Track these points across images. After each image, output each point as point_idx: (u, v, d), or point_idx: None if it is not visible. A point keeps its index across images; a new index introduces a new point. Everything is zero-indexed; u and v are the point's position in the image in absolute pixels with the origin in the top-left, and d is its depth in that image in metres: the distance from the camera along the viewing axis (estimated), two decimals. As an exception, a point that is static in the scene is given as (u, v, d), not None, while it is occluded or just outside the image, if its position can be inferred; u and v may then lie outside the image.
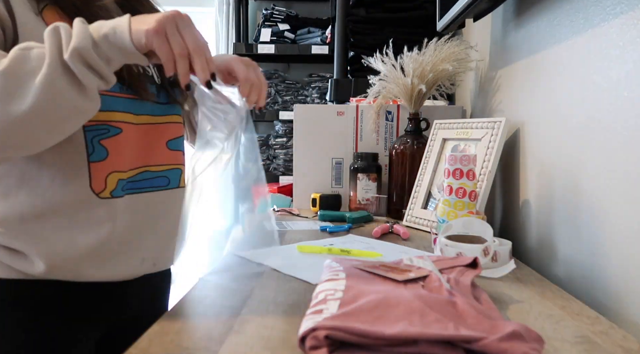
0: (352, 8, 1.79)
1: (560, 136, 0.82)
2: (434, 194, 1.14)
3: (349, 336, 0.41)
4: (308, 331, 0.42)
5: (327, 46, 2.55)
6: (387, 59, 1.27)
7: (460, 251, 0.75)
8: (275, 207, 1.34)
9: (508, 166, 1.07)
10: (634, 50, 0.62)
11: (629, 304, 0.62)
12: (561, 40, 0.82)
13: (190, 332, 0.51)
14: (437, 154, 1.17)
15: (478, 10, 1.05)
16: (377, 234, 1.03)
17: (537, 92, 0.92)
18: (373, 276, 0.58)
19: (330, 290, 0.52)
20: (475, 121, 1.08)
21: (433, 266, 0.60)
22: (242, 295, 0.62)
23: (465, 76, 1.50)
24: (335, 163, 1.41)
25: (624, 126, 0.63)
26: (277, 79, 2.68)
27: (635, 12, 0.62)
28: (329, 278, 0.57)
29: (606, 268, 0.67)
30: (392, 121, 1.38)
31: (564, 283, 0.77)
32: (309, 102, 2.68)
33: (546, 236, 0.86)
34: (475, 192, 0.90)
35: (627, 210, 0.62)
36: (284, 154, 2.65)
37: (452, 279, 0.57)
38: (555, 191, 0.83)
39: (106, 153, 0.69)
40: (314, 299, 0.52)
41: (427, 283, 0.56)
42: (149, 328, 0.52)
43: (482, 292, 0.58)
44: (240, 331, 0.51)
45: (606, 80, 0.68)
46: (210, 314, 0.56)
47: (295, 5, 2.86)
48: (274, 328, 0.52)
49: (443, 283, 0.54)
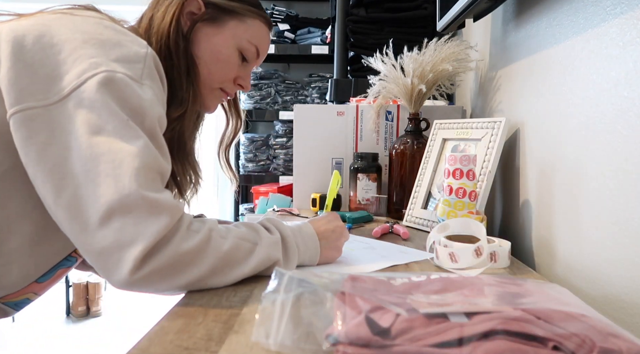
0: (352, 8, 1.79)
1: (560, 136, 0.82)
2: (434, 194, 1.14)
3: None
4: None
5: (327, 46, 2.55)
6: (387, 59, 1.27)
7: (452, 251, 0.75)
8: (275, 207, 1.34)
9: (508, 166, 1.07)
10: (634, 50, 0.62)
11: (629, 304, 0.62)
12: (561, 40, 0.82)
13: (190, 332, 0.51)
14: (437, 154, 1.17)
15: (478, 10, 1.05)
16: (377, 234, 1.03)
17: (537, 92, 0.92)
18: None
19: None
20: (475, 121, 1.08)
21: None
22: (242, 295, 0.62)
23: (465, 76, 1.50)
24: (335, 163, 1.41)
25: (624, 125, 0.63)
26: (277, 79, 2.68)
27: (635, 12, 0.62)
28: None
29: (606, 268, 0.67)
30: (392, 121, 1.38)
31: (564, 283, 0.77)
32: (309, 102, 2.68)
33: (546, 236, 0.86)
34: (475, 192, 0.90)
35: (627, 210, 0.62)
36: (284, 154, 2.65)
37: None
38: (555, 191, 0.83)
39: (48, 278, 0.73)
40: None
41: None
42: (149, 328, 0.52)
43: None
44: (240, 331, 0.51)
45: (606, 80, 0.68)
46: (210, 314, 0.56)
47: (295, 5, 2.86)
48: (274, 328, 0.52)
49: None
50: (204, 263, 0.60)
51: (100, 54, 0.60)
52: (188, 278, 0.59)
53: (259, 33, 0.83)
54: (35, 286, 0.73)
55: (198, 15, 0.77)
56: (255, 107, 2.65)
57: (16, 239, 0.65)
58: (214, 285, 0.62)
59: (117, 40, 0.63)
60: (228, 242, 0.62)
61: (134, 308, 2.72)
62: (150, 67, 0.64)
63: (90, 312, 2.68)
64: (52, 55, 0.59)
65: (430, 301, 0.46)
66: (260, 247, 0.65)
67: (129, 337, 2.37)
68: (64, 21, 0.64)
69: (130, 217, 0.54)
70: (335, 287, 0.50)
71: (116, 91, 0.59)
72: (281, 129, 2.67)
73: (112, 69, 0.59)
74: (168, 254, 0.56)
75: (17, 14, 0.68)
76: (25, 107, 0.57)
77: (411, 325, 0.41)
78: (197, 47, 0.77)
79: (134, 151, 0.57)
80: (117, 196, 0.54)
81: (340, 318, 0.44)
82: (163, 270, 0.56)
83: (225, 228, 0.65)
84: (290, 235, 0.70)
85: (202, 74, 0.78)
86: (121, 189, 0.55)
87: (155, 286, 0.57)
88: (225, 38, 0.79)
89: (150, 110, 0.61)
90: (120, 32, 0.65)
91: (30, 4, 1.22)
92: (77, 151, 0.56)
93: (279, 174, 2.65)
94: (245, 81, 0.85)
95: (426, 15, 1.73)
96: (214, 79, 0.80)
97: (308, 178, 1.41)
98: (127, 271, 0.54)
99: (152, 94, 0.63)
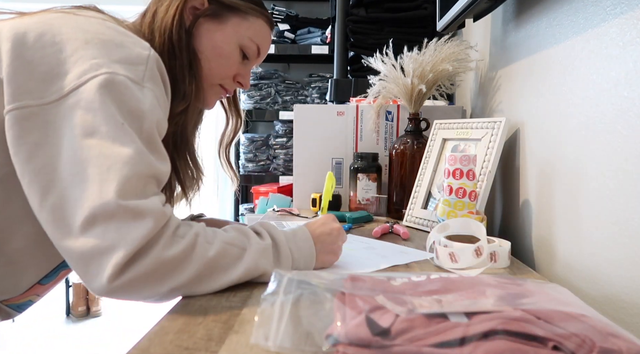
0: (352, 8, 1.79)
1: (560, 136, 0.82)
2: (434, 194, 1.14)
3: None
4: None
5: (327, 46, 2.55)
6: (387, 59, 1.27)
7: (452, 251, 0.75)
8: (275, 207, 1.34)
9: (508, 166, 1.07)
10: (634, 50, 0.62)
11: (629, 304, 0.61)
12: (561, 40, 0.82)
13: (190, 332, 0.51)
14: (437, 154, 1.17)
15: (478, 10, 1.05)
16: (377, 234, 1.03)
17: (537, 92, 0.92)
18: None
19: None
20: (475, 121, 1.08)
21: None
22: (242, 295, 0.62)
23: (465, 76, 1.50)
24: (335, 163, 1.41)
25: (624, 125, 0.63)
26: (277, 79, 2.68)
27: (635, 12, 0.62)
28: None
29: (606, 268, 0.67)
30: (392, 121, 1.38)
31: (564, 283, 0.77)
32: (309, 102, 2.68)
33: (546, 236, 0.86)
34: (475, 192, 0.90)
35: (627, 210, 0.62)
36: (284, 154, 2.65)
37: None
38: (555, 191, 0.83)
39: (51, 280, 0.73)
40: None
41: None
42: (149, 328, 0.52)
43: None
44: (240, 331, 0.51)
45: (606, 80, 0.68)
46: (210, 314, 0.56)
47: (295, 5, 2.86)
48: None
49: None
50: (188, 270, 0.58)
51: (102, 54, 0.60)
52: (171, 285, 0.57)
53: (260, 31, 0.83)
54: (39, 287, 0.73)
55: (201, 11, 0.77)
56: (255, 107, 2.65)
57: (19, 241, 0.65)
58: (200, 292, 0.61)
59: (120, 41, 0.63)
60: (214, 247, 0.60)
61: (134, 308, 2.72)
62: (153, 69, 0.63)
63: (90, 312, 2.68)
64: (52, 54, 0.59)
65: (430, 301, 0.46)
66: (249, 253, 0.63)
67: (129, 337, 2.37)
68: (67, 20, 0.63)
69: (112, 223, 0.53)
70: (335, 287, 0.50)
71: (116, 93, 0.58)
72: (281, 129, 2.67)
73: (114, 70, 0.59)
74: (150, 260, 0.54)
75: (19, 12, 0.67)
76: (21, 105, 0.56)
77: (411, 325, 0.41)
78: (199, 42, 0.77)
79: (125, 156, 0.56)
80: (99, 202, 0.53)
81: (340, 318, 0.44)
82: (145, 277, 0.55)
83: (212, 232, 0.63)
84: (283, 240, 0.68)
85: (203, 69, 0.78)
86: (105, 195, 0.53)
87: (137, 294, 0.56)
88: (227, 34, 0.79)
89: (149, 114, 0.60)
90: (123, 33, 0.65)
91: (32, 3, 1.22)
92: (68, 152, 0.55)
93: (279, 174, 2.65)
94: (244, 79, 0.85)
95: (426, 15, 1.73)
96: (214, 75, 0.80)
97: (308, 178, 1.41)
98: (106, 277, 0.53)
99: (153, 97, 0.62)
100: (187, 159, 0.86)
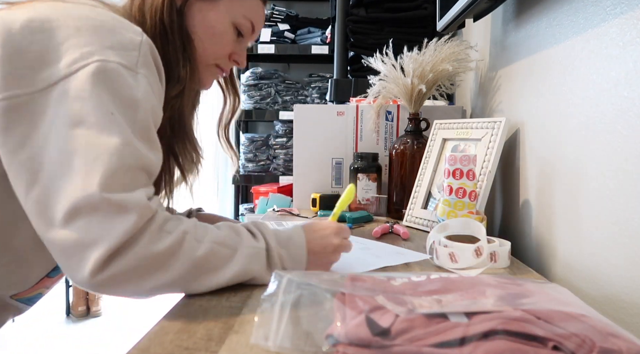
0: (352, 8, 1.79)
1: (560, 136, 0.82)
2: (434, 194, 1.14)
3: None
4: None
5: (327, 46, 2.55)
6: (387, 59, 1.27)
7: (452, 251, 0.75)
8: (275, 207, 1.34)
9: (508, 166, 1.07)
10: (634, 50, 0.62)
11: (629, 304, 0.61)
12: (561, 40, 0.82)
13: (190, 332, 0.51)
14: (437, 154, 1.17)
15: (478, 10, 1.05)
16: (377, 234, 1.03)
17: (537, 92, 0.92)
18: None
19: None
20: (475, 121, 1.08)
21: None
22: (242, 295, 0.62)
23: (465, 76, 1.50)
24: (335, 163, 1.41)
25: (624, 125, 0.63)
26: (277, 79, 2.68)
27: (635, 12, 0.62)
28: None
29: (606, 268, 0.67)
30: (392, 121, 1.38)
31: (564, 283, 0.77)
32: (309, 102, 2.68)
33: (546, 236, 0.86)
34: (475, 192, 0.90)
35: (627, 210, 0.62)
36: (284, 154, 2.65)
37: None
38: (555, 191, 0.83)
39: (59, 272, 0.73)
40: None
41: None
42: (149, 328, 0.52)
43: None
44: (240, 331, 0.51)
45: (606, 80, 0.68)
46: (210, 314, 0.56)
47: (295, 5, 2.86)
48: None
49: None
50: (174, 268, 0.56)
51: (94, 41, 0.58)
52: (155, 283, 0.56)
53: (253, 8, 0.81)
54: (47, 280, 0.73)
55: None
56: (255, 107, 2.65)
57: (25, 235, 0.64)
58: (186, 292, 0.59)
59: (112, 26, 0.61)
60: (203, 246, 0.59)
61: (134, 308, 2.72)
62: (146, 55, 0.62)
63: (90, 312, 2.68)
64: (41, 40, 0.57)
65: (430, 301, 0.46)
66: (239, 256, 0.62)
67: (129, 337, 2.37)
68: (56, 8, 0.62)
69: (95, 216, 0.52)
70: (334, 288, 0.50)
71: (108, 81, 0.57)
72: (281, 129, 2.67)
73: (106, 57, 0.57)
74: (134, 255, 0.53)
75: (8, 2, 0.66)
76: (9, 96, 0.55)
77: (411, 325, 0.41)
78: (192, 23, 0.75)
79: (112, 147, 0.55)
80: (83, 194, 0.52)
81: (340, 318, 0.44)
82: (128, 272, 0.53)
83: (203, 230, 0.61)
84: (275, 246, 0.66)
85: (197, 50, 0.76)
86: (88, 187, 0.52)
87: (120, 289, 0.55)
88: (220, 13, 0.77)
89: (143, 102, 0.59)
90: (114, 18, 0.64)
91: None
92: (55, 142, 0.54)
93: (279, 174, 2.65)
94: (240, 57, 0.83)
95: (426, 15, 1.73)
96: (209, 55, 0.79)
97: (308, 178, 1.41)
98: (88, 271, 0.52)
99: (147, 84, 0.61)
100: (185, 142, 0.84)
